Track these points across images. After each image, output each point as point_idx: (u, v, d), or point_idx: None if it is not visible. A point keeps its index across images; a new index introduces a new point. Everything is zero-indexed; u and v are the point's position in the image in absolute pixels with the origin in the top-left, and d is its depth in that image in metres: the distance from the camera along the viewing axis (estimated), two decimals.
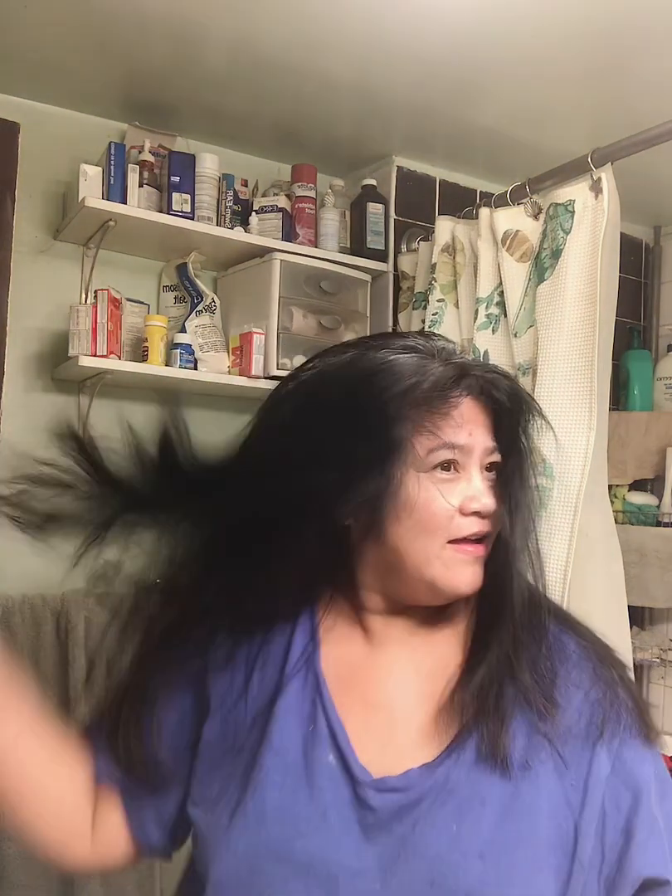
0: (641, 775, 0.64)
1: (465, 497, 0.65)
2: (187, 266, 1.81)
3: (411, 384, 0.64)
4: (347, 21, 1.43)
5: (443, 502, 0.64)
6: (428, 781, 0.63)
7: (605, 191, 1.36)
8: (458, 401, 0.66)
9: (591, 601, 1.39)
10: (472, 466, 0.67)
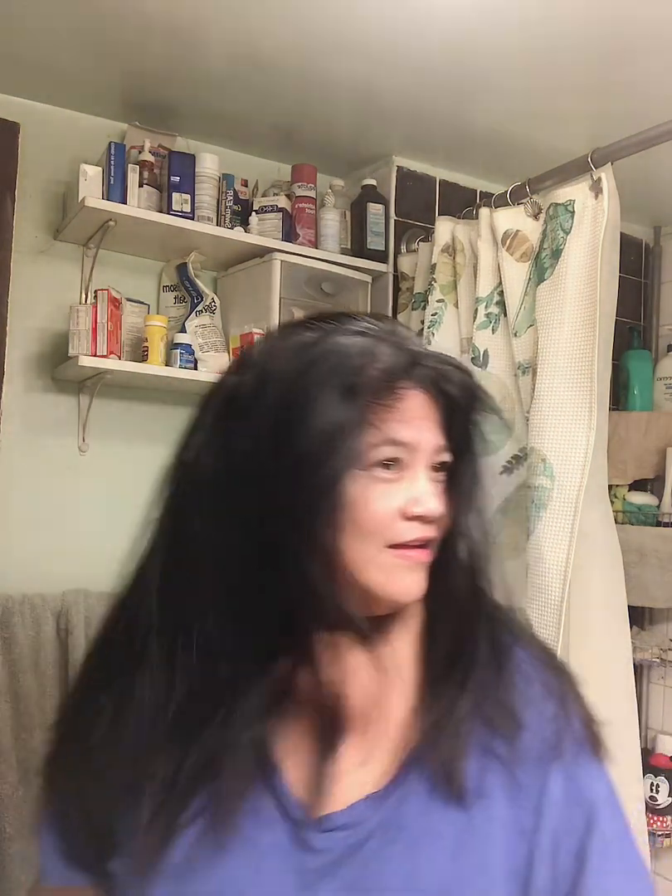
0: (595, 795, 0.59)
1: (408, 499, 0.59)
2: (187, 266, 1.81)
3: (354, 371, 0.57)
4: (347, 21, 1.43)
5: (382, 504, 0.58)
6: (376, 815, 0.57)
7: (605, 191, 1.36)
8: (406, 393, 0.59)
9: (591, 601, 1.39)
10: (419, 465, 0.60)
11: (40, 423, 1.75)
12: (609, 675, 1.41)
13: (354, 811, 0.58)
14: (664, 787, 2.01)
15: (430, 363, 0.61)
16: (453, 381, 0.62)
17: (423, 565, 0.61)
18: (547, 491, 1.38)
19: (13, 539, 1.69)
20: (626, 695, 1.44)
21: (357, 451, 0.57)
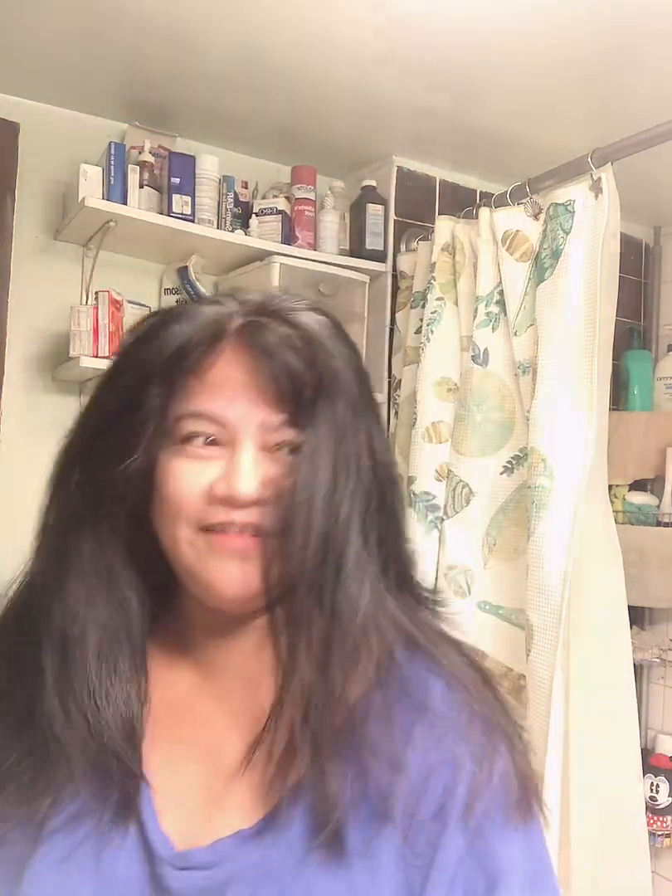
0: (504, 858, 0.51)
1: (216, 479, 0.52)
2: (188, 269, 1.80)
3: (164, 340, 0.52)
4: (347, 21, 1.43)
5: (188, 482, 0.52)
6: (241, 858, 0.50)
7: (605, 191, 1.36)
8: (213, 358, 0.52)
9: (591, 601, 1.39)
10: (241, 443, 0.52)
11: (40, 424, 1.75)
12: (609, 675, 1.41)
13: (218, 849, 0.51)
14: (664, 787, 2.01)
15: (254, 317, 0.53)
16: (282, 339, 0.52)
17: (246, 557, 0.52)
18: (547, 491, 1.38)
19: (13, 539, 1.68)
20: (626, 695, 1.44)
21: (156, 421, 0.52)
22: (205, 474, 0.52)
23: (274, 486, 0.52)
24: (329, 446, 0.52)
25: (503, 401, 1.57)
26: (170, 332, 0.53)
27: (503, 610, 1.55)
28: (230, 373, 0.52)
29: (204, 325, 0.53)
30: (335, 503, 0.52)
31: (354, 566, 0.52)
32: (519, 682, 1.51)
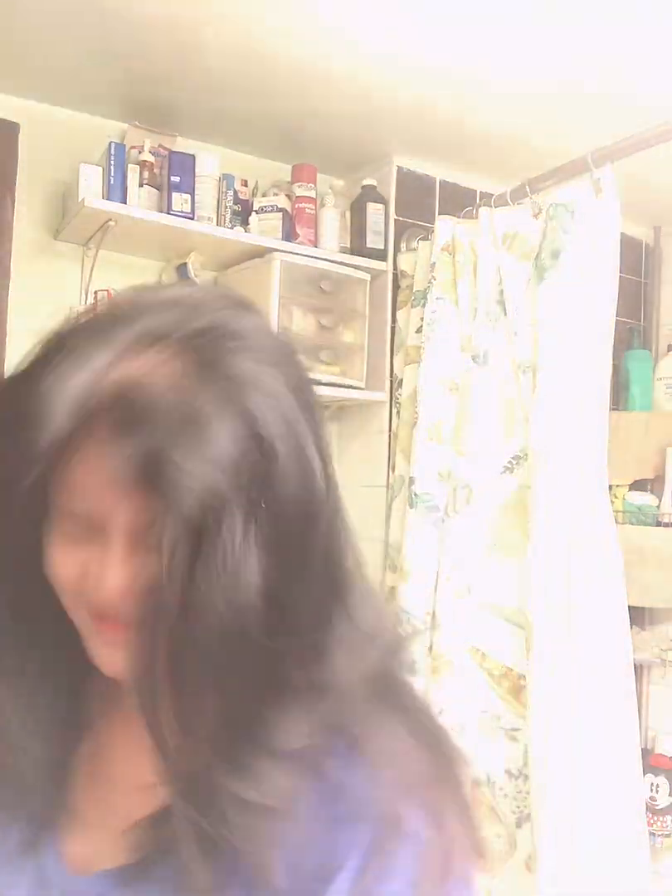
0: None
1: (88, 568, 0.48)
2: (187, 267, 1.80)
3: (24, 426, 0.45)
4: (347, 21, 1.43)
5: (65, 567, 0.49)
6: (116, 893, 0.48)
7: (605, 191, 1.36)
8: (74, 453, 0.45)
9: (591, 601, 1.39)
10: (115, 532, 0.47)
11: None
12: (609, 675, 1.41)
13: (98, 881, 0.49)
14: (664, 787, 2.02)
15: (131, 398, 0.44)
16: (162, 423, 0.43)
17: (119, 642, 0.48)
18: (547, 491, 1.38)
19: None
20: (626, 695, 1.44)
21: (52, 512, 0.48)
22: (79, 561, 0.48)
23: (147, 577, 0.46)
24: (177, 529, 0.44)
25: (503, 401, 1.57)
26: (20, 417, 0.45)
27: (503, 610, 1.55)
28: (90, 466, 0.45)
29: (60, 408, 0.44)
30: (224, 592, 0.45)
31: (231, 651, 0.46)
32: (519, 682, 1.51)
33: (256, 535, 0.45)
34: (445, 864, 0.46)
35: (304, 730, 0.47)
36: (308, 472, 0.48)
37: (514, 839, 1.55)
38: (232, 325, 0.47)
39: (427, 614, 1.60)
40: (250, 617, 0.45)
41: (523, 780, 1.52)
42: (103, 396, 0.44)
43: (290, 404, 0.47)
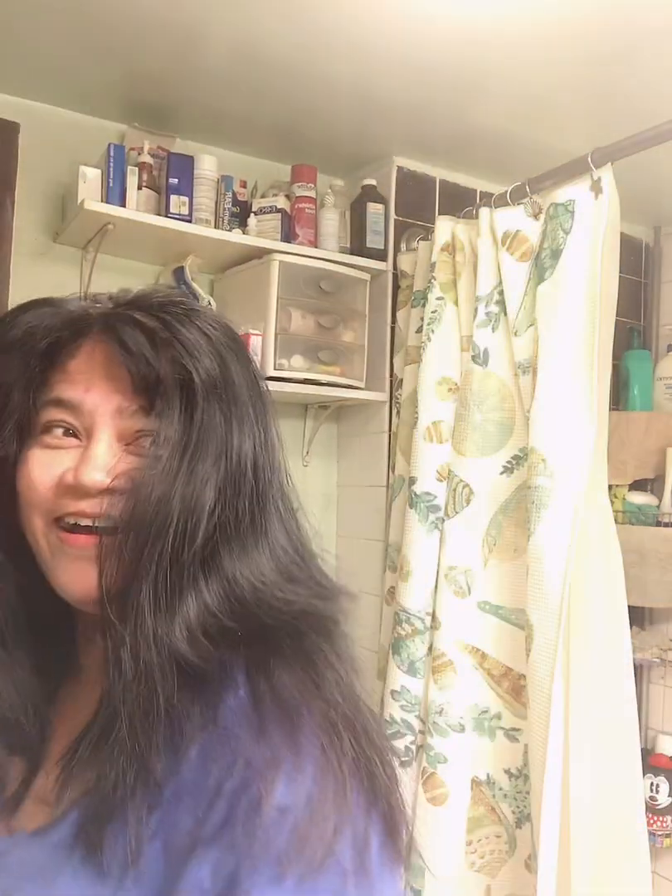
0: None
1: (69, 467, 0.51)
2: (184, 269, 1.80)
3: (19, 334, 0.53)
4: (347, 21, 1.43)
5: (42, 471, 0.52)
6: (18, 853, 0.50)
7: (605, 191, 1.36)
8: (74, 350, 0.53)
9: (591, 601, 1.39)
10: (98, 431, 0.52)
11: None
12: (609, 675, 1.41)
13: (15, 840, 0.52)
14: (664, 787, 2.01)
15: (110, 309, 0.54)
16: (150, 337, 0.52)
17: (86, 555, 0.51)
18: (547, 491, 1.38)
19: None
20: (626, 695, 1.44)
21: (17, 410, 0.53)
22: (58, 464, 0.52)
23: (126, 478, 0.51)
24: (184, 439, 0.51)
25: (503, 401, 1.57)
26: (27, 323, 0.53)
27: (503, 610, 1.55)
28: (90, 363, 0.53)
29: (67, 317, 0.54)
30: (183, 499, 0.50)
31: (190, 566, 0.50)
32: (519, 682, 1.51)
33: (233, 457, 0.53)
34: (316, 837, 0.44)
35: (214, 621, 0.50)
36: (250, 382, 0.56)
37: (514, 839, 1.55)
38: (181, 299, 0.57)
39: (427, 614, 1.60)
40: (205, 513, 0.50)
41: (523, 780, 1.52)
42: (105, 314, 0.54)
43: (232, 338, 0.57)
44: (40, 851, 0.49)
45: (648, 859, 1.43)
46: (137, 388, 0.52)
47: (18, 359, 0.53)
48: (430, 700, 1.56)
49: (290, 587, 0.53)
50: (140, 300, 0.55)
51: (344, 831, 0.44)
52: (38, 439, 0.53)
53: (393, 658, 1.63)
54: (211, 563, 0.51)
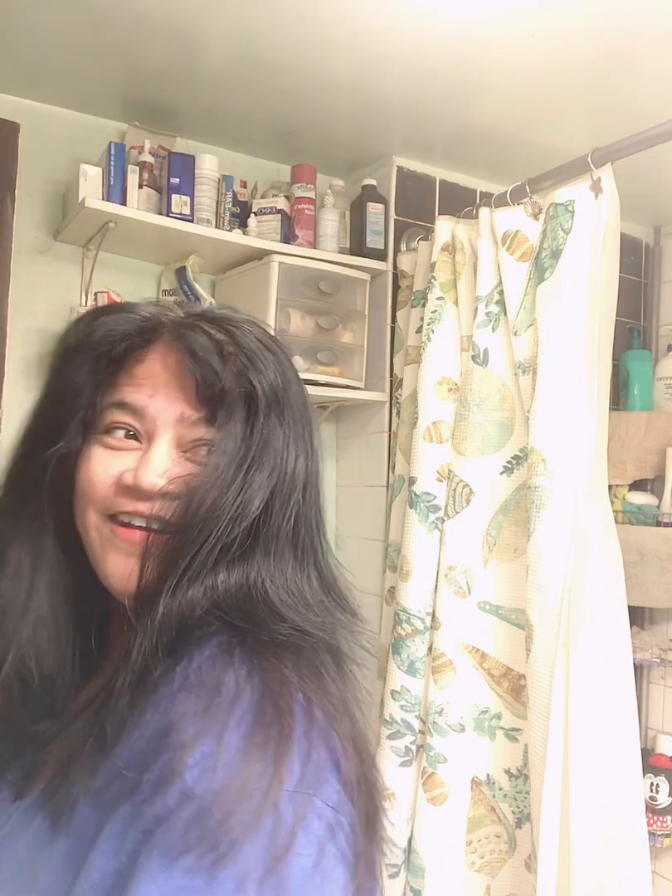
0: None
1: (128, 468, 0.54)
2: (186, 269, 1.80)
3: (95, 338, 0.56)
4: (347, 21, 1.43)
5: (101, 469, 0.55)
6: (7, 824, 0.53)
7: (605, 191, 1.36)
8: (143, 355, 0.55)
9: (591, 601, 1.39)
10: (159, 436, 0.55)
11: None
12: (609, 675, 1.41)
13: (19, 807, 0.54)
14: (664, 787, 2.01)
15: (179, 319, 0.57)
16: (208, 340, 0.54)
17: (136, 552, 0.53)
18: (547, 491, 1.38)
19: None
20: (626, 695, 1.44)
21: (83, 410, 0.56)
22: (118, 464, 0.55)
23: (182, 483, 0.53)
24: (242, 451, 0.54)
25: (503, 401, 1.57)
26: (103, 326, 0.56)
27: (503, 610, 1.55)
28: (157, 369, 0.55)
29: (138, 322, 0.56)
30: (234, 508, 0.52)
31: (217, 565, 0.52)
32: (519, 682, 1.51)
33: (284, 465, 0.56)
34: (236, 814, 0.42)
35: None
36: (303, 400, 0.59)
37: (514, 839, 1.55)
38: (247, 317, 0.59)
39: (427, 614, 1.60)
40: (249, 522, 0.53)
41: (523, 780, 1.52)
42: (172, 321, 0.56)
43: (289, 357, 0.60)
44: (19, 816, 0.52)
45: (648, 859, 1.43)
46: (201, 398, 0.55)
47: (92, 360, 0.55)
48: (430, 700, 1.56)
49: (302, 611, 0.54)
50: (209, 313, 0.58)
51: (261, 829, 0.41)
52: (100, 438, 0.56)
53: (393, 658, 1.63)
54: (238, 562, 0.53)
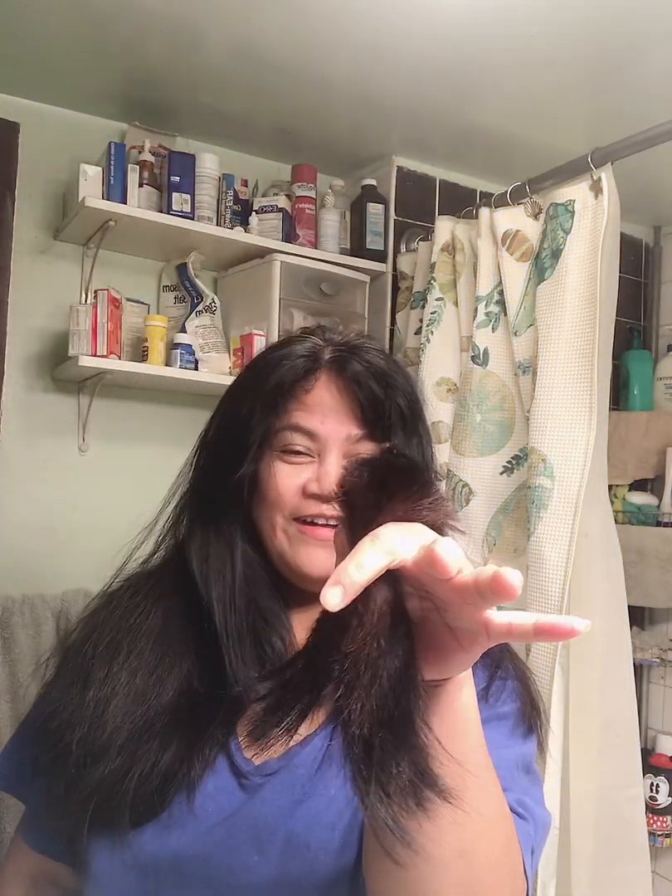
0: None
1: (309, 479, 0.67)
2: (187, 266, 1.80)
3: (270, 371, 0.67)
4: (347, 21, 1.43)
5: (285, 481, 0.67)
6: (304, 752, 0.65)
7: (605, 191, 1.36)
8: (310, 384, 0.68)
9: (591, 601, 1.39)
10: (330, 453, 0.67)
11: (40, 423, 1.75)
12: (609, 675, 1.41)
13: (289, 756, 0.64)
14: (664, 787, 2.01)
15: (337, 352, 0.68)
16: (363, 368, 0.67)
17: (328, 543, 0.65)
18: (547, 491, 1.38)
19: (13, 539, 1.69)
20: (627, 695, 1.44)
21: (262, 434, 0.67)
22: (300, 476, 0.67)
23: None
24: (387, 451, 0.66)
25: (503, 401, 1.57)
26: (273, 365, 0.68)
27: (503, 610, 1.54)
28: (323, 396, 0.68)
29: (301, 359, 0.68)
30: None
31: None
32: None
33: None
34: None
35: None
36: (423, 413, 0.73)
37: None
38: (377, 344, 0.73)
39: None
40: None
41: None
42: (330, 354, 0.68)
43: (411, 376, 0.73)
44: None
45: (648, 859, 1.43)
46: (365, 418, 0.67)
47: (266, 393, 0.67)
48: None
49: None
50: (350, 341, 0.70)
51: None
52: (279, 455, 0.68)
53: None
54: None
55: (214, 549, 0.70)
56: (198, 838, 0.62)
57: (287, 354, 0.68)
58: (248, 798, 0.63)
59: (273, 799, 0.63)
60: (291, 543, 0.68)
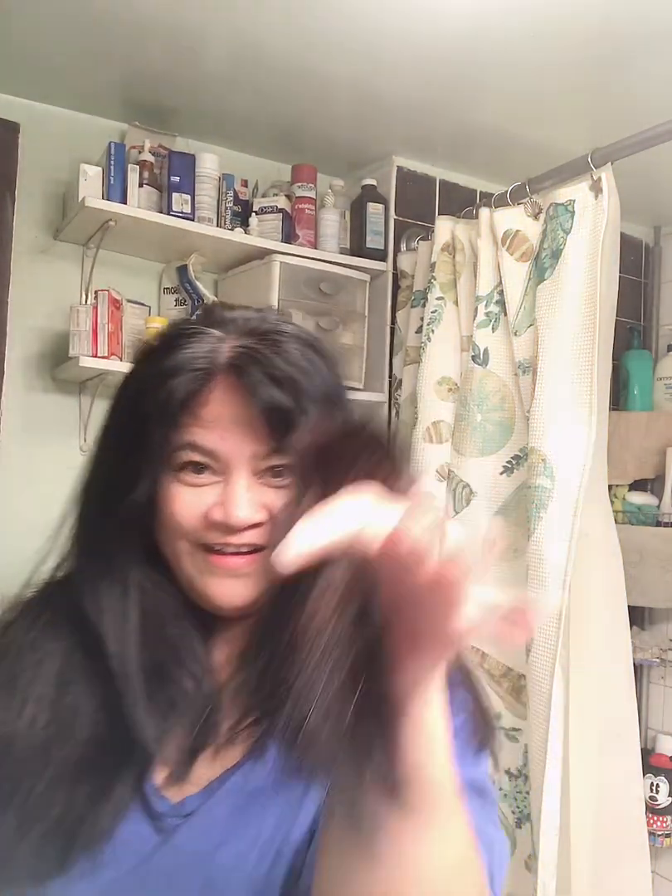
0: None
1: (213, 504, 0.58)
2: (188, 268, 1.80)
3: (158, 381, 0.58)
4: (347, 21, 1.43)
5: (185, 506, 0.58)
6: (226, 784, 0.60)
7: (605, 191, 1.36)
8: (204, 397, 0.57)
9: (591, 601, 1.39)
10: (235, 473, 0.58)
11: (41, 424, 1.75)
12: (609, 675, 1.41)
13: (210, 790, 0.60)
14: (664, 787, 2.01)
15: (239, 353, 0.57)
16: (274, 379, 0.56)
17: (238, 573, 0.58)
18: (547, 491, 1.38)
19: (13, 540, 1.68)
20: (626, 695, 1.44)
21: (156, 452, 0.58)
22: (201, 500, 0.58)
23: (267, 510, 0.58)
24: (313, 471, 0.55)
25: (503, 401, 1.57)
26: (165, 376, 0.58)
27: None
28: (221, 409, 0.57)
29: (193, 372, 0.57)
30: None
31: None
32: (519, 682, 1.51)
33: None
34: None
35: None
36: (345, 393, 0.63)
37: (514, 839, 1.55)
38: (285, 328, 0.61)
39: None
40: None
41: (523, 780, 1.52)
42: (228, 358, 0.57)
43: (329, 356, 0.61)
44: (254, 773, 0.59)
45: (648, 859, 1.43)
46: (269, 431, 0.57)
47: (151, 407, 0.58)
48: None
49: None
50: (255, 329, 0.59)
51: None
52: (176, 476, 0.59)
53: None
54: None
55: (107, 585, 0.61)
56: (106, 889, 0.56)
57: (180, 365, 0.57)
58: (163, 842, 0.58)
59: (189, 842, 0.58)
60: (200, 572, 0.59)
